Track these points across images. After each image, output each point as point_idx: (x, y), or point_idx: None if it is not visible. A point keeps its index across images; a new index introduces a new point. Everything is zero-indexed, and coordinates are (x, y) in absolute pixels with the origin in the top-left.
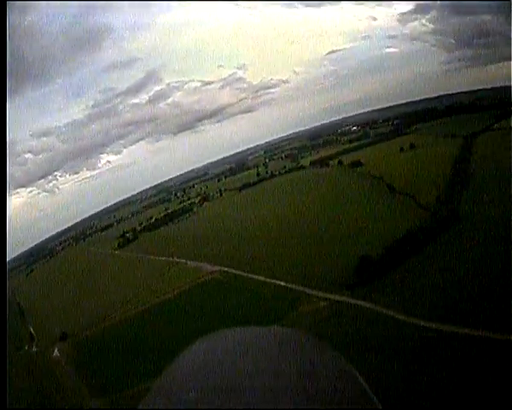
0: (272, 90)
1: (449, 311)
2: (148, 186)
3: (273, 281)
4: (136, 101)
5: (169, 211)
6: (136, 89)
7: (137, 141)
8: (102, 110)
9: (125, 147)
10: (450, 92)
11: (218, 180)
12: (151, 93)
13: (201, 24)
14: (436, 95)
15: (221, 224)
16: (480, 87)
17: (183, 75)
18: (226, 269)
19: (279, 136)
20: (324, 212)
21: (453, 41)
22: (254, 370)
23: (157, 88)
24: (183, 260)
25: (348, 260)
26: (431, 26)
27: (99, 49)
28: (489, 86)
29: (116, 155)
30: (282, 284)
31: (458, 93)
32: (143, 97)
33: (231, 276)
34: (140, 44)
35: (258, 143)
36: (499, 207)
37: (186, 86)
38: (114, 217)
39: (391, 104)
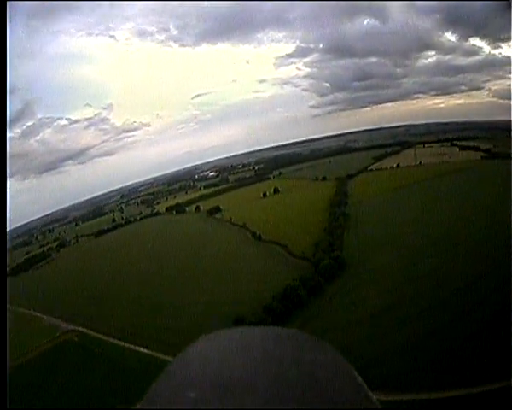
0: (134, 133)
1: None
2: (12, 227)
3: (136, 348)
4: (10, 134)
5: (29, 255)
6: (12, 121)
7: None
8: None
9: None
10: (318, 136)
11: (76, 224)
12: (24, 127)
13: (82, 57)
14: (303, 139)
15: (75, 274)
16: (354, 130)
17: (55, 111)
18: (81, 329)
19: (136, 180)
20: (179, 263)
21: (328, 85)
22: (254, 370)
23: (29, 123)
24: (40, 315)
25: (220, 324)
26: (307, 69)
27: None
28: (362, 128)
29: None
30: (146, 351)
31: (328, 137)
32: (17, 131)
33: (88, 338)
34: (22, 73)
35: (116, 188)
36: (384, 251)
37: (55, 123)
38: None
39: (254, 149)
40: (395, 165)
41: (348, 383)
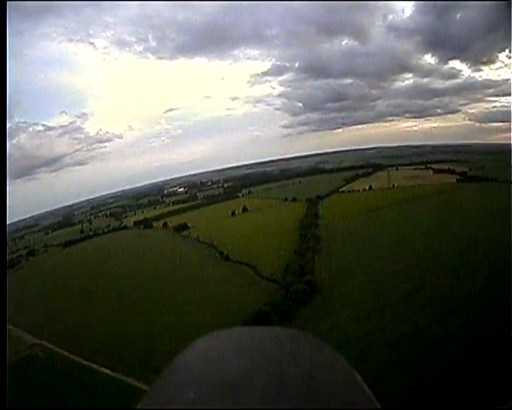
0: (106, 144)
1: None
2: None
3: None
4: None
5: None
6: None
7: None
8: None
9: None
10: (288, 156)
11: (46, 233)
12: None
13: (61, 63)
14: (273, 159)
15: (43, 285)
16: (325, 151)
17: (31, 116)
18: (47, 344)
19: (106, 192)
20: (143, 283)
21: (301, 105)
22: (254, 370)
23: (7, 125)
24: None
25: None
26: (281, 88)
27: None
28: (333, 150)
29: None
30: (116, 376)
31: (299, 157)
32: None
33: (53, 355)
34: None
35: (86, 198)
36: (357, 275)
37: (31, 128)
38: None
39: (223, 167)
40: (367, 187)
41: (348, 383)
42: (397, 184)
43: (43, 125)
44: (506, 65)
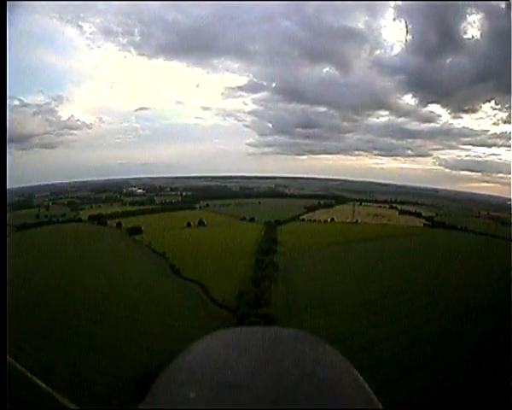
0: (75, 132)
1: None
2: None
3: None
4: None
5: None
6: None
7: None
8: None
9: None
10: (249, 175)
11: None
12: None
13: (47, 40)
14: (234, 175)
15: None
16: (287, 175)
17: (10, 89)
18: None
19: (67, 181)
20: (87, 286)
21: (270, 125)
22: (254, 370)
23: None
24: None
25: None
26: (253, 106)
27: None
28: (295, 175)
29: None
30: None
31: (260, 177)
32: None
33: None
34: None
35: (47, 183)
36: (317, 313)
37: (8, 101)
38: None
39: (184, 175)
40: (329, 219)
41: (350, 382)
42: (360, 220)
43: (19, 100)
44: (488, 116)
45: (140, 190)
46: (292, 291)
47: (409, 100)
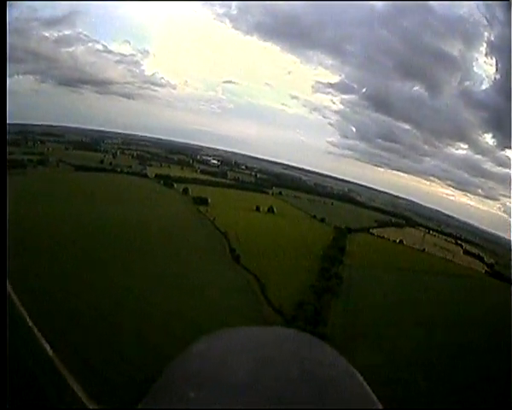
0: (157, 89)
1: None
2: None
3: None
4: (45, 34)
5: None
6: (52, 22)
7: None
8: None
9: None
10: (325, 173)
11: (66, 148)
12: (60, 34)
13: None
14: (310, 169)
15: (28, 202)
16: (360, 182)
17: (94, 33)
18: None
19: (141, 133)
20: (141, 239)
21: (354, 129)
22: (255, 370)
23: (67, 32)
24: None
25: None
26: (340, 106)
27: None
28: (369, 185)
29: None
30: None
31: (334, 177)
32: (53, 34)
33: None
34: None
35: (119, 131)
36: (379, 345)
37: (90, 44)
38: None
39: (260, 157)
40: (398, 240)
41: (350, 383)
42: (427, 249)
43: (103, 45)
44: None
45: (214, 161)
46: (352, 313)
47: (488, 139)
